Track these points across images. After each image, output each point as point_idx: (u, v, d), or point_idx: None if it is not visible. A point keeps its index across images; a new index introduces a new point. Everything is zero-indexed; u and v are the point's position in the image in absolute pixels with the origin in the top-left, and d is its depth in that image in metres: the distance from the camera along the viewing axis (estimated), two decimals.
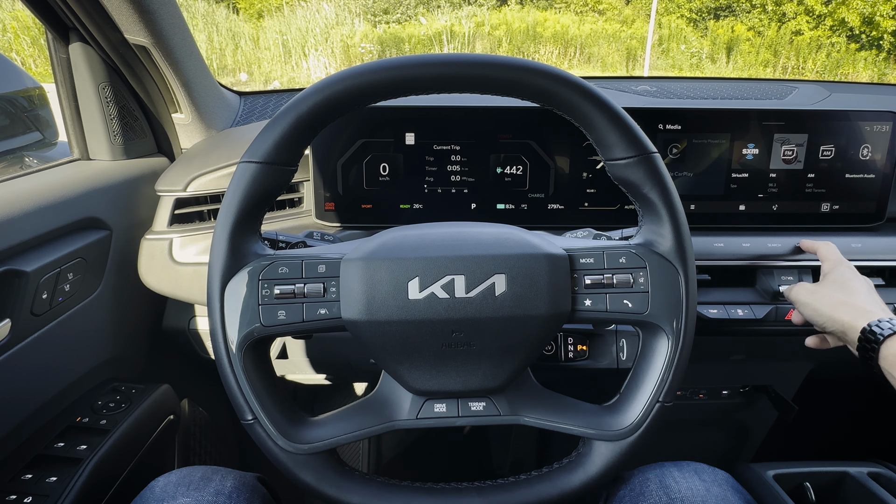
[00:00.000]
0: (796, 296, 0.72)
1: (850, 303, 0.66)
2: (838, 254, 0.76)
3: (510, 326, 0.53)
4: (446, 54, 0.51)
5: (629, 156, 0.53)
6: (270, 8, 13.07)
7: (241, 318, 0.53)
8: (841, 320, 0.65)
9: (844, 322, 0.64)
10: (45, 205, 0.75)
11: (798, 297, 0.72)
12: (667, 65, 12.36)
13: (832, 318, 0.66)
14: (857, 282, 0.69)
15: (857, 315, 0.63)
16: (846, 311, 0.65)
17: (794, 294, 0.72)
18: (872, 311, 0.63)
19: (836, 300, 0.67)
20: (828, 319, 0.67)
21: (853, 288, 0.69)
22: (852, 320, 0.63)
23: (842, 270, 0.72)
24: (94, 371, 0.86)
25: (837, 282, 0.70)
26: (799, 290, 0.72)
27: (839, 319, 0.65)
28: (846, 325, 0.64)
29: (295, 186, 0.93)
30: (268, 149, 0.52)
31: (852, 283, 0.69)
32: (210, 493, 0.58)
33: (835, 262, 0.74)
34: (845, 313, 0.65)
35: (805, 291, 0.71)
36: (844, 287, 0.69)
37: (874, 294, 0.68)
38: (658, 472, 0.62)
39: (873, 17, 12.24)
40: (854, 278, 0.70)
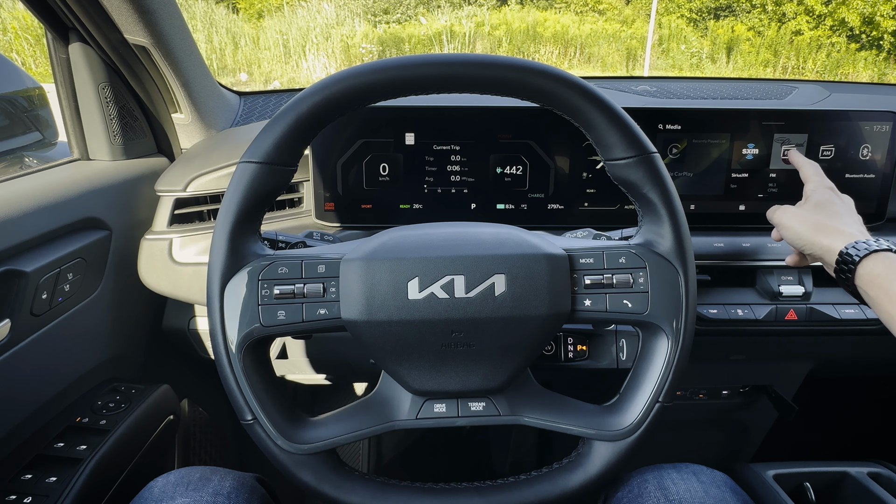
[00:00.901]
0: (779, 218, 0.72)
1: (830, 225, 0.66)
2: (822, 174, 0.75)
3: (510, 326, 0.53)
4: (446, 54, 0.51)
5: (629, 156, 0.53)
6: (270, 8, 13.07)
7: (241, 318, 0.53)
8: (820, 243, 0.65)
9: (823, 245, 0.64)
10: (45, 205, 0.75)
11: (781, 220, 0.72)
12: (667, 65, 12.36)
13: (811, 242, 0.66)
14: (839, 204, 0.69)
15: (836, 237, 0.64)
16: (826, 233, 0.65)
17: (777, 217, 0.72)
18: (851, 234, 0.64)
19: (816, 223, 0.67)
20: (807, 242, 0.67)
21: (834, 210, 0.69)
22: (831, 243, 0.64)
23: (823, 192, 0.71)
24: (94, 371, 0.86)
25: (820, 204, 0.69)
26: (782, 213, 0.72)
27: (818, 242, 0.65)
28: (824, 248, 0.64)
29: (295, 186, 0.93)
30: (268, 149, 0.52)
31: (834, 205, 0.69)
32: (209, 493, 0.58)
33: (817, 184, 0.73)
34: (825, 236, 0.65)
35: (787, 214, 0.71)
36: (825, 209, 0.69)
37: (854, 216, 0.68)
38: (656, 473, 0.62)
39: (873, 17, 12.24)
40: (835, 200, 0.70)
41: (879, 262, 0.59)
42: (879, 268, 0.58)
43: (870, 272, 0.59)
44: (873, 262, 0.59)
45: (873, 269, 0.58)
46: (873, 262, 0.59)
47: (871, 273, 0.59)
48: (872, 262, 0.59)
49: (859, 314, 0.85)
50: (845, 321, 0.85)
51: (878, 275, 0.58)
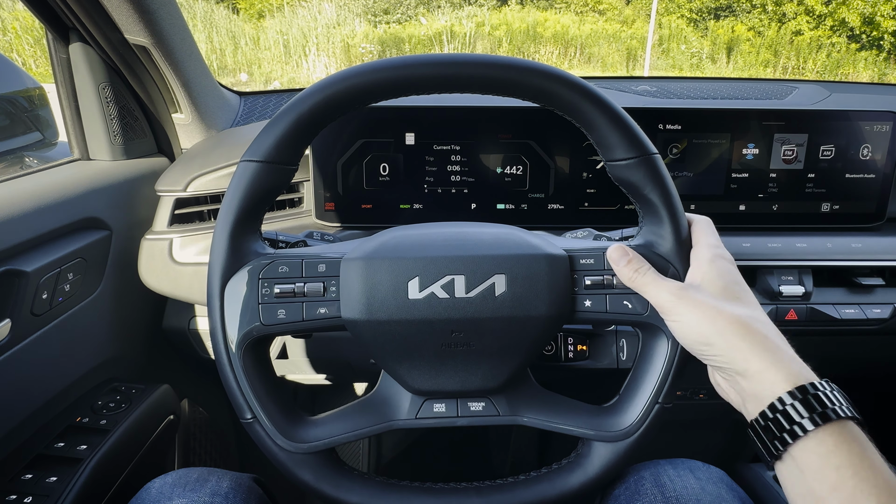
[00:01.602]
0: (665, 300, 0.48)
1: (756, 330, 0.44)
2: (717, 235, 0.54)
3: (510, 327, 0.53)
4: (447, 54, 0.51)
5: (630, 157, 0.53)
6: (271, 8, 13.07)
7: (241, 317, 0.53)
8: (745, 365, 0.43)
9: (752, 369, 0.43)
10: (45, 205, 0.75)
11: (669, 306, 0.48)
12: (667, 65, 12.36)
13: (731, 356, 0.44)
14: (748, 290, 0.50)
15: (771, 358, 0.43)
16: (755, 346, 0.43)
17: (662, 296, 0.48)
18: (787, 354, 0.44)
19: (733, 320, 0.45)
20: (722, 354, 0.45)
21: (749, 300, 0.48)
22: (766, 370, 0.43)
23: (726, 265, 0.50)
24: (94, 371, 0.86)
25: (729, 287, 0.48)
26: (661, 285, 0.49)
27: (745, 363, 0.44)
28: (754, 376, 0.43)
29: (295, 186, 0.93)
30: (269, 147, 0.52)
31: (747, 292, 0.49)
32: (206, 493, 0.58)
33: (715, 250, 0.51)
34: (755, 351, 0.43)
35: (683, 298, 0.47)
36: (739, 295, 0.48)
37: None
38: (653, 470, 0.62)
39: (874, 17, 12.24)
40: (743, 280, 0.50)
41: (830, 440, 0.40)
42: (822, 448, 0.40)
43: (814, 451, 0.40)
44: (824, 435, 0.40)
45: (817, 449, 0.40)
46: (823, 437, 0.40)
47: (815, 451, 0.40)
48: (824, 435, 0.40)
49: (859, 314, 0.85)
50: (845, 321, 0.85)
51: (819, 456, 0.39)
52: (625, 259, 0.53)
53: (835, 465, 0.39)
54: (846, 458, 0.39)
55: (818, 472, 0.39)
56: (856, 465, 0.39)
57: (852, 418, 0.41)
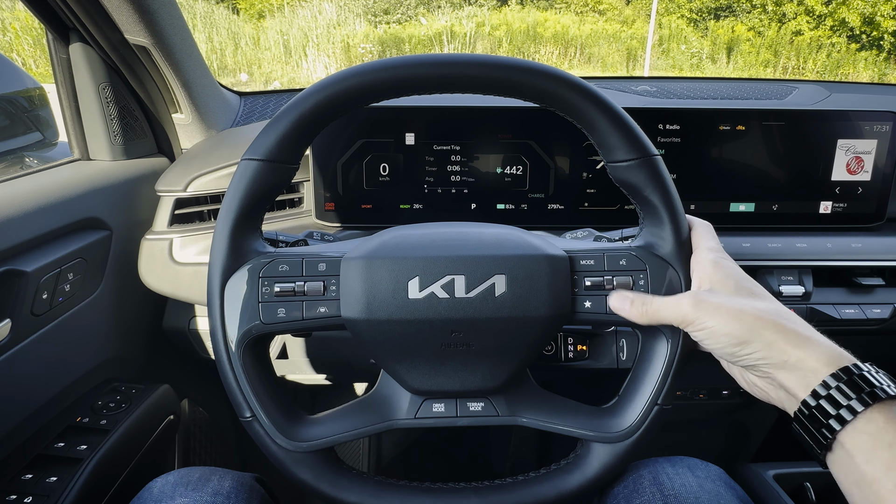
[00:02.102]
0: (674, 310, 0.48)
1: (783, 321, 0.44)
2: (717, 238, 0.54)
3: (509, 327, 0.53)
4: (447, 54, 0.51)
5: (630, 158, 0.53)
6: (271, 8, 13.08)
7: (241, 316, 0.53)
8: (786, 354, 0.43)
9: (792, 357, 0.42)
10: (46, 205, 0.75)
11: (679, 314, 0.48)
12: (667, 65, 12.36)
13: (769, 349, 0.43)
14: (755, 281, 0.49)
15: (808, 346, 0.42)
16: (789, 336, 0.43)
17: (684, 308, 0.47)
18: (818, 337, 0.43)
19: (761, 318, 0.44)
20: (760, 352, 0.44)
21: (765, 293, 0.48)
22: (803, 358, 0.42)
23: (732, 265, 0.50)
24: (94, 371, 0.86)
25: (742, 284, 0.48)
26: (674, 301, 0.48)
27: (784, 352, 0.43)
28: (795, 364, 0.42)
29: (295, 186, 0.93)
30: (270, 146, 0.52)
31: (756, 283, 0.49)
32: (208, 493, 0.58)
33: (715, 251, 0.52)
34: (790, 340, 0.43)
35: (687, 300, 0.47)
36: (754, 292, 0.48)
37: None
38: (651, 468, 0.62)
39: (874, 17, 12.24)
40: (749, 276, 0.49)
41: (880, 418, 0.38)
42: (873, 427, 0.38)
43: (865, 430, 0.38)
44: (874, 414, 0.39)
45: (867, 428, 0.38)
46: (873, 415, 0.39)
47: (865, 431, 0.38)
48: (873, 414, 0.39)
49: (859, 314, 0.85)
50: (845, 321, 0.85)
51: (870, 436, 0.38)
52: (627, 302, 0.52)
53: (888, 443, 0.37)
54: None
55: (870, 453, 0.38)
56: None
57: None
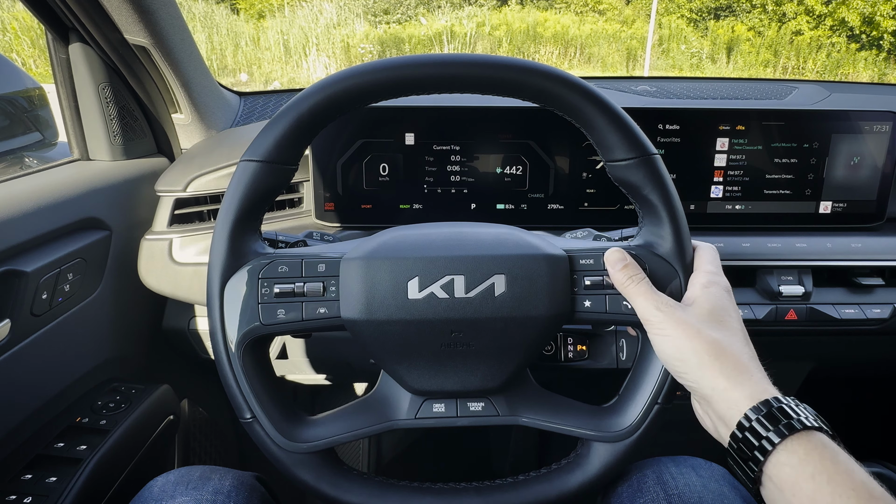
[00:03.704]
0: (653, 315, 0.49)
1: (730, 353, 0.46)
2: (719, 263, 0.55)
3: (509, 327, 0.53)
4: (447, 54, 0.51)
5: (630, 157, 0.53)
6: (271, 8, 13.08)
7: (241, 317, 0.53)
8: (713, 384, 0.45)
9: (719, 387, 0.44)
10: (45, 205, 0.75)
11: (657, 322, 0.49)
12: (667, 65, 12.36)
13: (699, 376, 0.46)
14: (736, 318, 0.50)
15: (740, 379, 0.44)
16: (725, 368, 0.45)
17: (650, 312, 0.50)
18: (756, 376, 0.45)
19: (711, 343, 0.46)
20: (692, 373, 0.47)
21: (732, 327, 0.49)
22: (732, 389, 0.44)
23: (721, 293, 0.51)
24: (94, 371, 0.86)
25: (715, 312, 0.49)
26: (656, 307, 0.50)
27: (712, 382, 0.45)
28: (722, 395, 0.44)
29: (295, 186, 0.93)
30: (269, 147, 0.52)
31: (732, 319, 0.50)
32: (209, 492, 0.58)
33: (713, 277, 0.53)
34: (723, 373, 0.45)
35: (668, 314, 0.49)
36: (723, 322, 0.49)
37: (748, 338, 0.49)
38: (655, 467, 0.62)
39: (873, 17, 12.24)
40: (733, 310, 0.51)
41: (800, 449, 0.40)
42: (794, 458, 0.40)
43: (787, 462, 0.40)
44: (794, 446, 0.40)
45: (789, 460, 0.40)
46: (793, 447, 0.40)
47: (787, 463, 0.40)
48: (793, 445, 0.40)
49: (859, 314, 0.85)
50: (845, 321, 0.85)
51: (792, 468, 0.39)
52: (621, 263, 0.53)
53: (809, 474, 0.39)
54: (819, 464, 0.39)
55: (794, 485, 0.39)
56: (829, 471, 0.38)
57: (819, 429, 0.41)
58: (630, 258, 0.53)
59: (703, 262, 0.55)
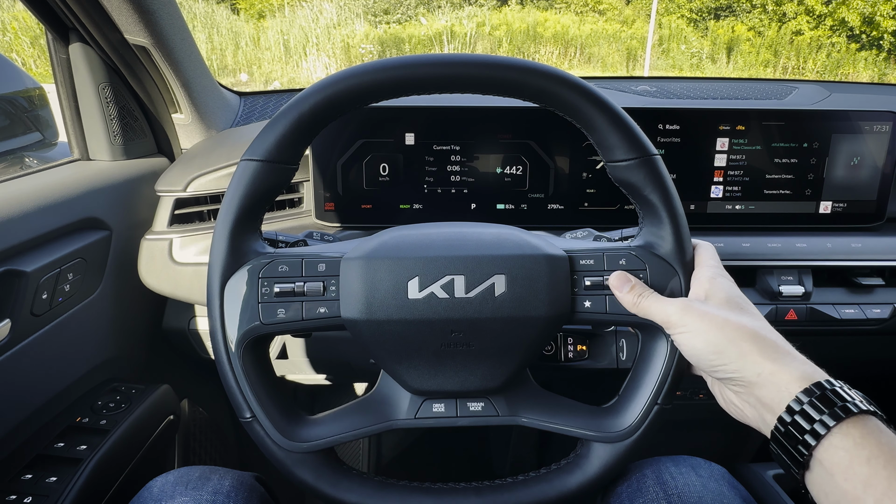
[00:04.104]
0: (670, 316, 0.49)
1: (764, 337, 0.45)
2: (718, 259, 0.55)
3: (509, 327, 0.53)
4: (447, 54, 0.51)
5: (630, 158, 0.53)
6: (271, 8, 13.08)
7: (241, 316, 0.53)
8: (758, 367, 0.43)
9: (765, 370, 0.43)
10: (45, 205, 0.75)
11: (678, 320, 0.48)
12: (667, 65, 12.37)
13: (739, 360, 0.44)
14: (751, 305, 0.50)
15: (784, 359, 0.43)
16: (765, 349, 0.43)
17: (667, 312, 0.49)
18: (798, 358, 0.43)
19: (740, 329, 0.45)
20: (728, 360, 0.45)
21: (754, 312, 0.48)
22: (780, 369, 0.42)
23: (729, 283, 0.52)
24: (94, 371, 0.86)
25: (732, 300, 0.49)
26: (666, 302, 0.49)
27: (756, 364, 0.43)
28: (767, 377, 0.43)
29: (295, 186, 0.93)
30: (269, 147, 0.52)
31: (749, 305, 0.49)
32: (208, 492, 0.58)
33: (716, 271, 0.53)
34: (765, 353, 0.43)
35: (688, 311, 0.48)
36: (744, 308, 0.48)
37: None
38: (655, 467, 0.62)
39: (873, 17, 12.24)
40: (745, 298, 0.50)
41: (855, 433, 0.38)
42: (849, 442, 0.38)
43: (841, 446, 0.38)
44: (849, 429, 0.38)
45: (843, 443, 0.38)
46: (848, 430, 0.38)
47: (841, 447, 0.38)
48: (848, 428, 0.38)
49: (859, 314, 0.85)
50: (845, 321, 0.85)
51: (847, 451, 0.38)
52: (627, 286, 0.53)
53: (865, 458, 0.37)
54: (875, 448, 0.37)
55: (848, 470, 0.37)
56: (887, 456, 0.37)
57: (874, 413, 0.39)
58: (634, 279, 0.53)
59: (704, 258, 0.55)
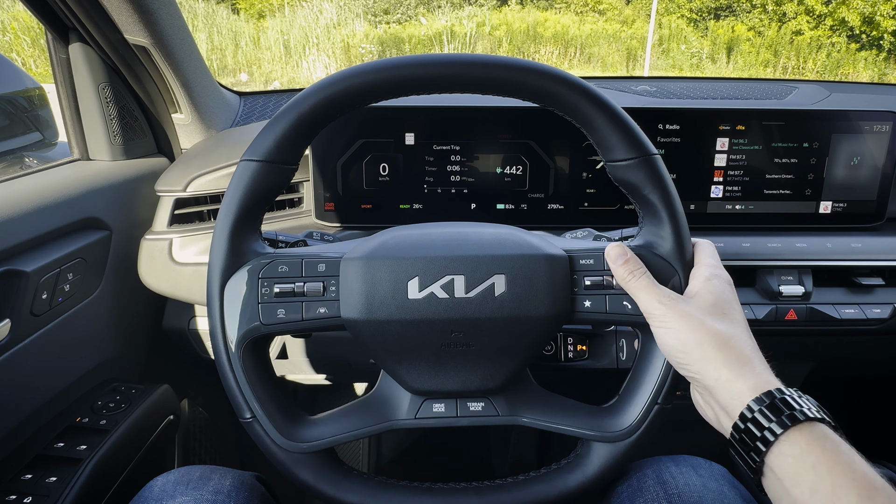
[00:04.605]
0: (653, 307, 0.50)
1: (734, 345, 0.46)
2: (718, 258, 0.55)
3: (509, 327, 0.53)
4: (447, 54, 0.51)
5: (630, 157, 0.53)
6: (271, 8, 13.08)
7: (241, 316, 0.53)
8: (717, 374, 0.45)
9: (723, 378, 0.44)
10: (45, 205, 0.75)
11: (657, 311, 0.49)
12: (667, 65, 12.37)
13: (702, 366, 0.46)
14: (739, 310, 0.51)
15: (743, 370, 0.44)
16: (729, 358, 0.45)
17: (651, 303, 0.50)
18: (758, 368, 0.45)
19: (713, 334, 0.46)
20: (693, 363, 0.46)
21: (735, 319, 0.49)
22: (735, 380, 0.44)
23: (723, 285, 0.52)
24: (94, 371, 0.86)
25: (718, 305, 0.49)
26: (655, 296, 0.50)
27: (715, 372, 0.45)
28: (725, 386, 0.44)
29: (295, 186, 0.93)
30: (269, 147, 0.52)
31: (735, 311, 0.50)
32: (209, 491, 0.58)
33: (714, 270, 0.53)
34: (727, 363, 0.45)
35: (669, 305, 0.49)
36: (726, 314, 0.49)
37: (750, 331, 0.49)
38: (655, 467, 0.62)
39: (873, 16, 12.24)
40: (736, 303, 0.51)
41: (801, 440, 0.40)
42: (796, 449, 0.40)
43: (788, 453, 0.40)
44: (796, 436, 0.40)
45: (790, 451, 0.40)
46: (795, 438, 0.40)
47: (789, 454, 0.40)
48: (795, 436, 0.40)
49: (859, 314, 0.85)
50: (845, 321, 0.85)
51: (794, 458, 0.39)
52: (622, 258, 0.53)
53: (810, 464, 0.39)
54: (820, 455, 0.39)
55: (795, 476, 0.39)
56: (831, 462, 0.38)
57: (821, 420, 0.41)
58: (631, 253, 0.54)
59: (704, 256, 0.55)
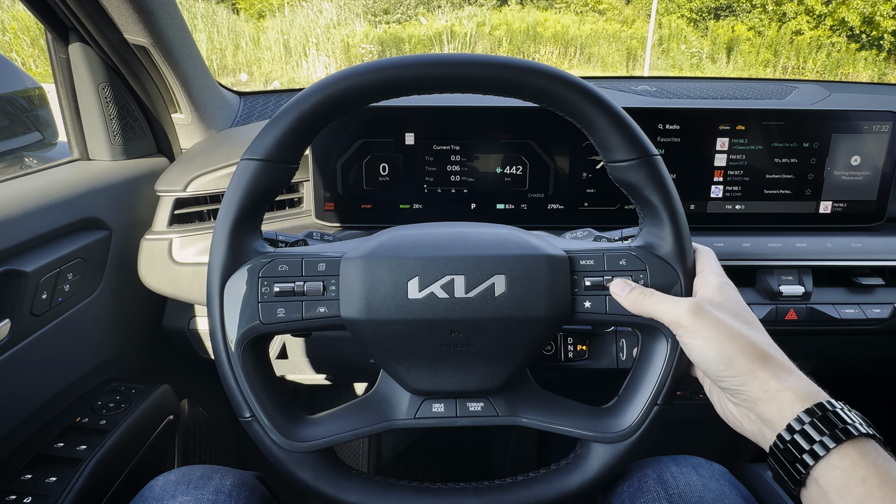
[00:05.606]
0: (683, 318, 0.48)
1: (765, 352, 0.45)
2: (720, 265, 0.55)
3: (509, 327, 0.53)
4: (447, 54, 0.51)
5: (630, 158, 0.53)
6: (271, 8, 13.08)
7: (241, 316, 0.53)
8: (759, 381, 0.44)
9: (767, 385, 0.44)
10: (45, 205, 0.75)
11: (676, 315, 0.48)
12: (667, 65, 12.37)
13: (743, 372, 0.44)
14: (754, 316, 0.50)
15: (782, 375, 0.43)
16: (767, 363, 0.44)
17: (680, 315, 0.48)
18: (795, 374, 0.44)
19: (747, 341, 0.45)
20: (734, 371, 0.45)
21: (757, 325, 0.48)
22: (777, 384, 0.43)
23: (732, 290, 0.51)
24: (94, 371, 0.86)
25: (740, 312, 0.49)
26: (676, 301, 0.49)
27: (757, 378, 0.44)
28: (767, 393, 0.43)
29: (295, 186, 0.93)
30: (269, 146, 0.52)
31: (753, 317, 0.49)
32: (210, 491, 0.58)
33: (720, 278, 0.52)
34: (766, 367, 0.44)
35: (689, 304, 0.48)
36: (749, 320, 0.48)
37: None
38: (656, 467, 0.62)
39: (873, 16, 12.25)
40: (748, 308, 0.51)
41: (854, 453, 0.39)
42: (846, 462, 0.39)
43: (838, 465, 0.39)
44: (847, 450, 0.39)
45: (840, 463, 0.39)
46: (846, 451, 0.39)
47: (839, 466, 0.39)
48: (847, 449, 0.39)
49: (859, 314, 0.85)
50: (845, 321, 0.85)
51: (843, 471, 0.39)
52: (627, 288, 0.53)
53: (861, 478, 0.38)
54: (872, 469, 0.38)
55: (843, 489, 0.38)
56: (882, 476, 0.38)
57: (873, 436, 0.40)
58: (634, 284, 0.53)
59: (708, 263, 0.54)
